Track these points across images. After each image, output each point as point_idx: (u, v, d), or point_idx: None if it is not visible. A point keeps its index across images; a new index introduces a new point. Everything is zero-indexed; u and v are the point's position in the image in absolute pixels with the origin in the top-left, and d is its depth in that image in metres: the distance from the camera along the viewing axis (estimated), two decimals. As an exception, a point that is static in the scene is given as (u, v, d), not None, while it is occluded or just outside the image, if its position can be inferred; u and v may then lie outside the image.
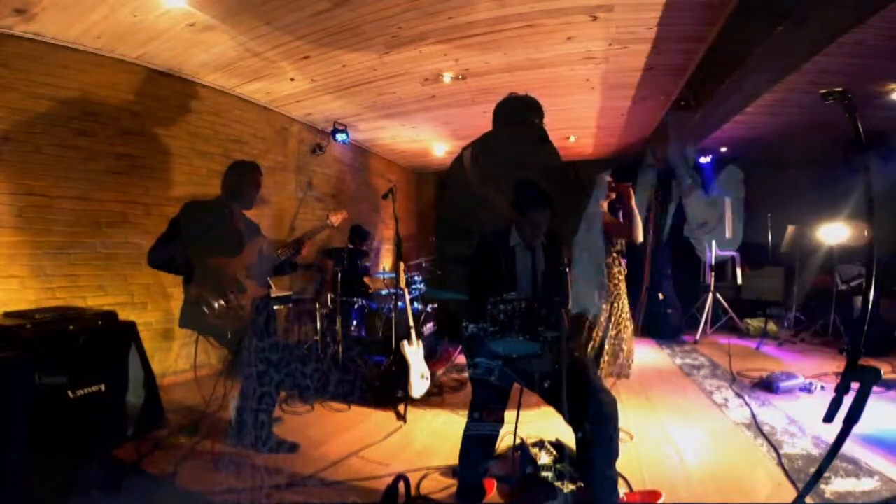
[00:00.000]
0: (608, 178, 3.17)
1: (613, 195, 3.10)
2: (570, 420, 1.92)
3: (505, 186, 1.99)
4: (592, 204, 2.89)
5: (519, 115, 2.16)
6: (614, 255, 3.09)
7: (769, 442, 2.62)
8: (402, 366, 3.33)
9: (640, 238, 3.05)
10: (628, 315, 3.14)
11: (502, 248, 1.99)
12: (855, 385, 1.48)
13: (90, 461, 2.22)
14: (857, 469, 2.28)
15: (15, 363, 1.81)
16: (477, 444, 2.06)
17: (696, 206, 5.80)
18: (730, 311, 5.67)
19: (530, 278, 1.98)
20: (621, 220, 3.04)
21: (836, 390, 1.49)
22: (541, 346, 1.80)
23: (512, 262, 1.98)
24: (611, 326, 3.03)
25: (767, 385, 3.58)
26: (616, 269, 3.10)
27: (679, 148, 5.35)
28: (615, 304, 3.06)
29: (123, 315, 2.83)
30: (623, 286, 3.12)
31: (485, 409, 1.98)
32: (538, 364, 1.82)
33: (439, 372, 4.12)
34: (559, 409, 1.95)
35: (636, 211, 2.97)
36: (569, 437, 2.23)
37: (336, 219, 2.83)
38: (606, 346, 3.06)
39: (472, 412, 2.04)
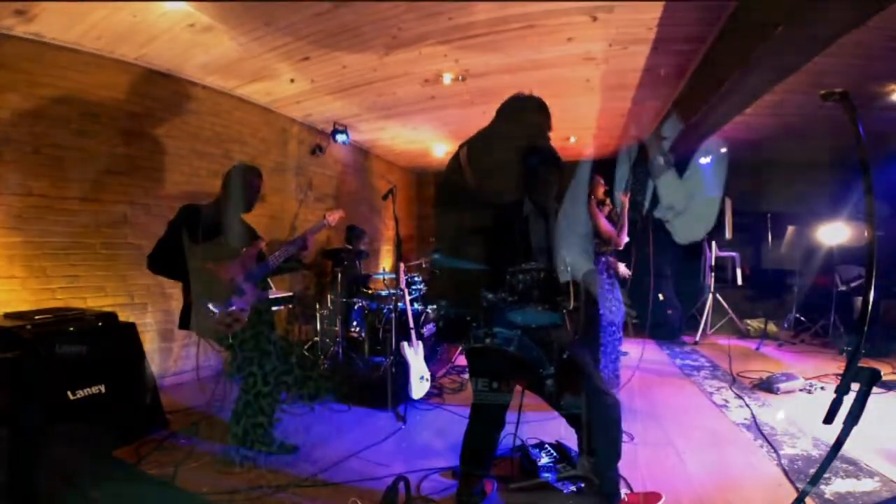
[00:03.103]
0: (602, 184, 3.28)
1: (609, 204, 3.23)
2: (572, 421, 1.92)
3: (498, 180, 1.95)
4: (580, 196, 2.99)
5: (518, 112, 2.14)
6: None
7: (769, 443, 2.62)
8: (402, 367, 3.33)
9: (623, 245, 3.26)
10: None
11: (517, 218, 1.94)
12: (855, 386, 1.48)
13: (90, 463, 2.21)
14: (858, 470, 2.29)
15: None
16: (478, 444, 2.05)
17: (667, 186, 5.55)
18: (730, 311, 5.67)
19: (546, 247, 1.95)
20: (607, 226, 3.21)
21: (836, 391, 1.48)
22: (560, 316, 1.79)
23: (526, 231, 1.92)
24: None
25: (767, 386, 3.59)
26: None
27: (651, 126, 5.22)
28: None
29: (123, 316, 2.83)
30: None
31: (495, 383, 1.93)
32: (556, 334, 1.81)
33: (439, 373, 4.12)
34: (560, 410, 1.95)
35: (626, 220, 3.19)
36: (569, 439, 2.24)
37: (333, 218, 2.82)
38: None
39: (481, 386, 1.98)
